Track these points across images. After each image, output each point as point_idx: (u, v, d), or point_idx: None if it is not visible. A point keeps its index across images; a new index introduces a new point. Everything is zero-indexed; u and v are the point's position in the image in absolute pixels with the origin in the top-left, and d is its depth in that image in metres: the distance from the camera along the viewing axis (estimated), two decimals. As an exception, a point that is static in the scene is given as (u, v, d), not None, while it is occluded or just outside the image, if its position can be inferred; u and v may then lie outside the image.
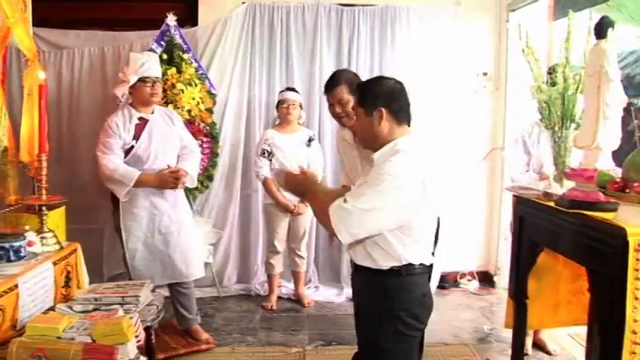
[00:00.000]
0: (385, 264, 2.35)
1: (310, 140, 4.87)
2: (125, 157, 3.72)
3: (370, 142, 2.44)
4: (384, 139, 2.38)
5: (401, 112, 2.40)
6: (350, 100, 2.98)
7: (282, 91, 4.86)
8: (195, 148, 4.08)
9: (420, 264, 2.39)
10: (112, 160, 3.65)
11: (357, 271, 2.49)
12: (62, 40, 5.12)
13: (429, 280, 2.52)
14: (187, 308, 4.02)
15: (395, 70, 5.05)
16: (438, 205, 2.46)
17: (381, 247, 2.33)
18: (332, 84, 3.11)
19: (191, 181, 3.98)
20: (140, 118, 3.78)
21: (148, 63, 3.77)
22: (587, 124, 2.74)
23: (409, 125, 2.45)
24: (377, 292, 2.39)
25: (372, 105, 2.37)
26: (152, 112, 3.85)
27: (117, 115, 3.77)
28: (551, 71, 3.25)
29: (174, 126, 3.94)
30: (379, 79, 2.54)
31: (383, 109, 2.35)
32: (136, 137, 3.74)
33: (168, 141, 3.82)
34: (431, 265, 2.48)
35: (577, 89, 3.06)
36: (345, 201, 2.24)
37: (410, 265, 2.36)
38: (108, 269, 4.72)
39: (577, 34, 2.99)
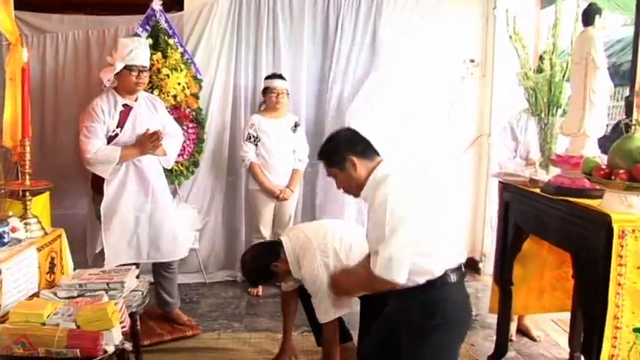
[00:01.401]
0: (420, 280, 2.39)
1: (296, 125, 4.86)
2: (108, 143, 3.69)
3: (357, 189, 2.54)
4: (364, 180, 2.50)
5: (367, 150, 2.54)
6: None
7: (269, 78, 4.82)
8: (178, 134, 4.07)
9: (453, 268, 2.43)
10: (95, 145, 3.62)
11: (394, 291, 2.47)
12: (46, 24, 5.03)
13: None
14: (169, 292, 4.02)
15: (381, 56, 5.04)
16: (441, 201, 2.54)
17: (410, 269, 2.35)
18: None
19: (166, 162, 3.98)
20: (124, 105, 3.75)
21: (135, 50, 3.71)
22: (574, 111, 2.76)
23: (379, 154, 2.57)
24: (415, 306, 2.42)
25: (341, 161, 2.52)
26: (136, 100, 3.81)
27: (102, 99, 3.73)
28: (541, 58, 3.26)
29: (157, 113, 3.92)
30: (331, 138, 2.66)
31: (352, 157, 2.49)
32: (120, 125, 3.71)
33: (152, 128, 3.78)
34: (461, 266, 2.50)
35: (564, 76, 3.07)
36: (376, 253, 2.32)
37: (444, 275, 2.40)
38: (91, 254, 4.66)
39: (565, 21, 3.00)
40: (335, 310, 3.11)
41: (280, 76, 4.82)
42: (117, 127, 3.70)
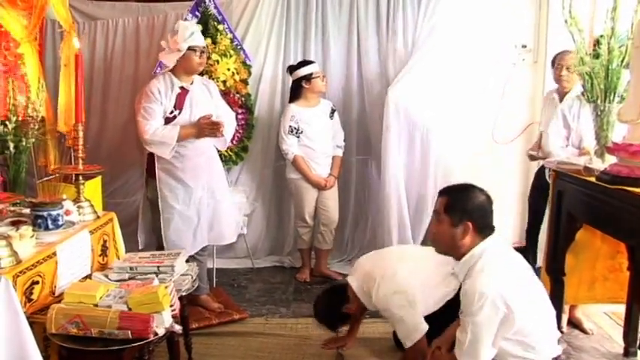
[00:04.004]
0: None
1: (333, 112, 4.82)
2: (166, 124, 3.73)
3: (447, 248, 2.49)
4: (464, 251, 2.42)
5: (486, 229, 2.44)
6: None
7: (303, 65, 4.70)
8: (232, 118, 4.10)
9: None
10: (153, 125, 3.66)
11: None
12: (97, 11, 5.10)
13: None
14: (200, 277, 3.99)
15: (433, 41, 4.94)
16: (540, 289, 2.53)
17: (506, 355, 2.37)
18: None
19: (222, 144, 4.04)
20: (181, 87, 3.79)
21: (196, 32, 3.80)
22: (633, 98, 2.67)
23: (494, 231, 2.49)
24: None
25: (459, 217, 2.40)
26: (192, 83, 3.86)
27: (158, 80, 3.78)
28: (596, 43, 3.17)
29: (211, 97, 3.96)
30: (471, 192, 2.50)
31: (470, 224, 2.39)
32: (178, 107, 3.76)
33: (207, 112, 3.81)
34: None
35: (622, 62, 2.97)
36: (460, 345, 2.34)
37: None
38: (142, 237, 4.71)
39: (625, 3, 2.90)
40: (419, 330, 3.01)
41: (312, 61, 4.80)
42: (174, 108, 3.75)
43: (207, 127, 3.74)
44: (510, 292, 2.28)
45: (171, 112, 3.74)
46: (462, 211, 2.40)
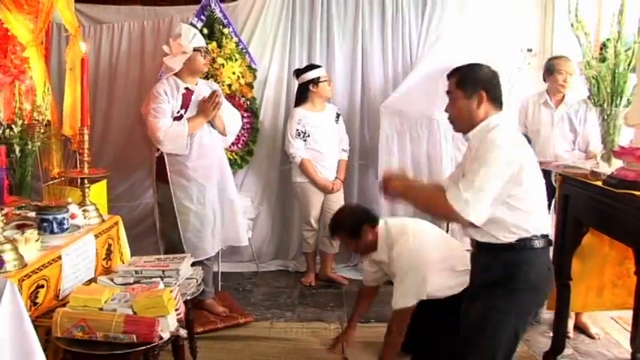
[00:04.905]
0: (504, 238, 2.37)
1: (338, 116, 4.83)
2: None
3: (466, 123, 2.49)
4: (479, 122, 2.44)
5: (497, 100, 2.48)
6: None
7: (311, 69, 4.71)
8: (237, 116, 4.12)
9: (541, 235, 2.40)
10: (165, 123, 3.68)
11: (480, 250, 2.50)
12: (103, 15, 5.12)
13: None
14: (205, 281, 3.99)
15: (439, 45, 4.94)
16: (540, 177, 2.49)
17: (496, 223, 2.34)
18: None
19: (225, 141, 4.06)
20: (186, 88, 3.80)
21: (197, 34, 3.85)
22: (639, 101, 2.66)
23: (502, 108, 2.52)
24: (498, 266, 2.41)
25: (472, 89, 2.43)
26: (196, 84, 3.88)
27: (163, 83, 3.79)
28: (602, 47, 3.16)
29: None
30: (477, 65, 2.55)
31: (483, 93, 2.42)
32: (184, 107, 3.77)
33: None
34: (548, 236, 2.47)
35: (629, 65, 2.96)
36: (459, 189, 2.28)
37: (530, 238, 2.37)
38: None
39: (631, 6, 2.89)
40: (415, 297, 3.12)
41: (319, 65, 4.80)
42: (181, 108, 3.77)
43: (209, 103, 3.77)
44: (523, 151, 2.38)
45: (178, 111, 3.75)
46: (473, 83, 2.44)
